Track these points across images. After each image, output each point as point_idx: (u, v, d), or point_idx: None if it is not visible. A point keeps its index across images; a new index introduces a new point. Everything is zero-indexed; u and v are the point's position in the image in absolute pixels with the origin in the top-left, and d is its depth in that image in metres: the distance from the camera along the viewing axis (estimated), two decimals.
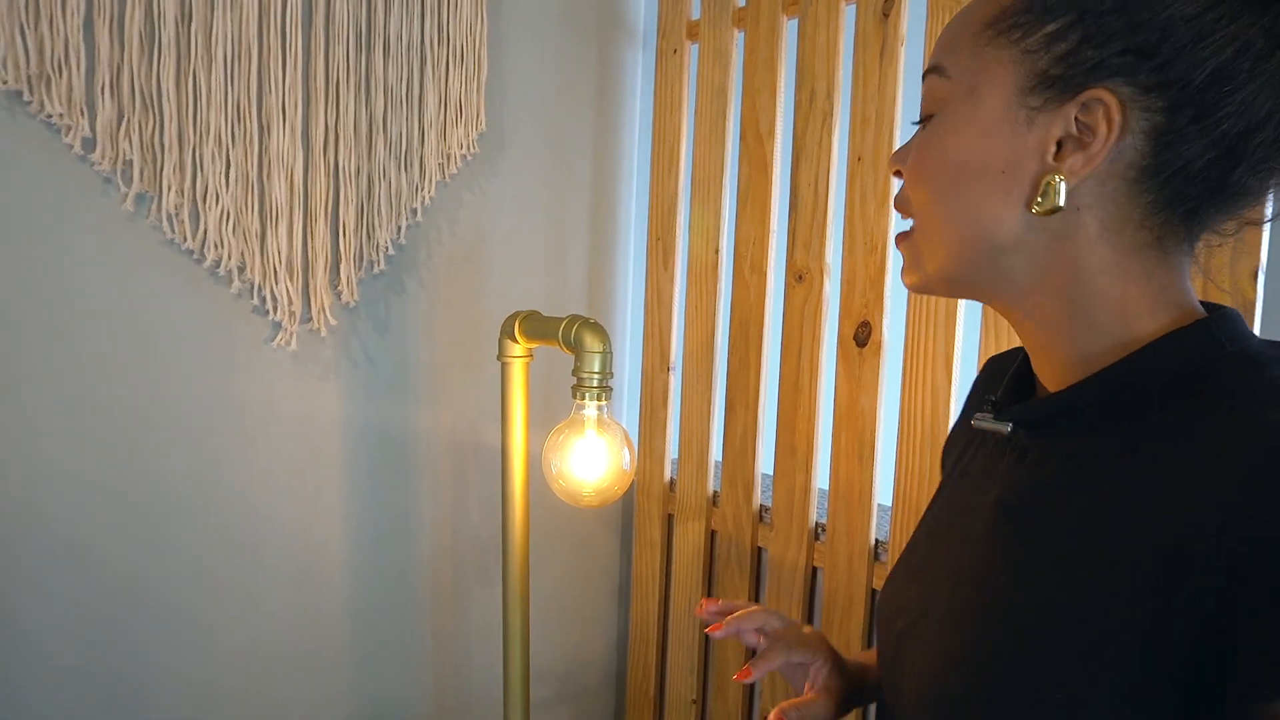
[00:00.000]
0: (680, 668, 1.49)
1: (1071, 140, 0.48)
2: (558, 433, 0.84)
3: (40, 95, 0.97)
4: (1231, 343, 0.48)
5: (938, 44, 0.54)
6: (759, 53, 1.31)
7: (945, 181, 0.52)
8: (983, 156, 0.50)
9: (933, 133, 0.53)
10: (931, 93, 0.53)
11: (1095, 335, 0.51)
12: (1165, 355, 0.48)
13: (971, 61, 0.51)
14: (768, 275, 1.32)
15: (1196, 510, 0.42)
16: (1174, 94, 0.46)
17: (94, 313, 1.05)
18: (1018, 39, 0.49)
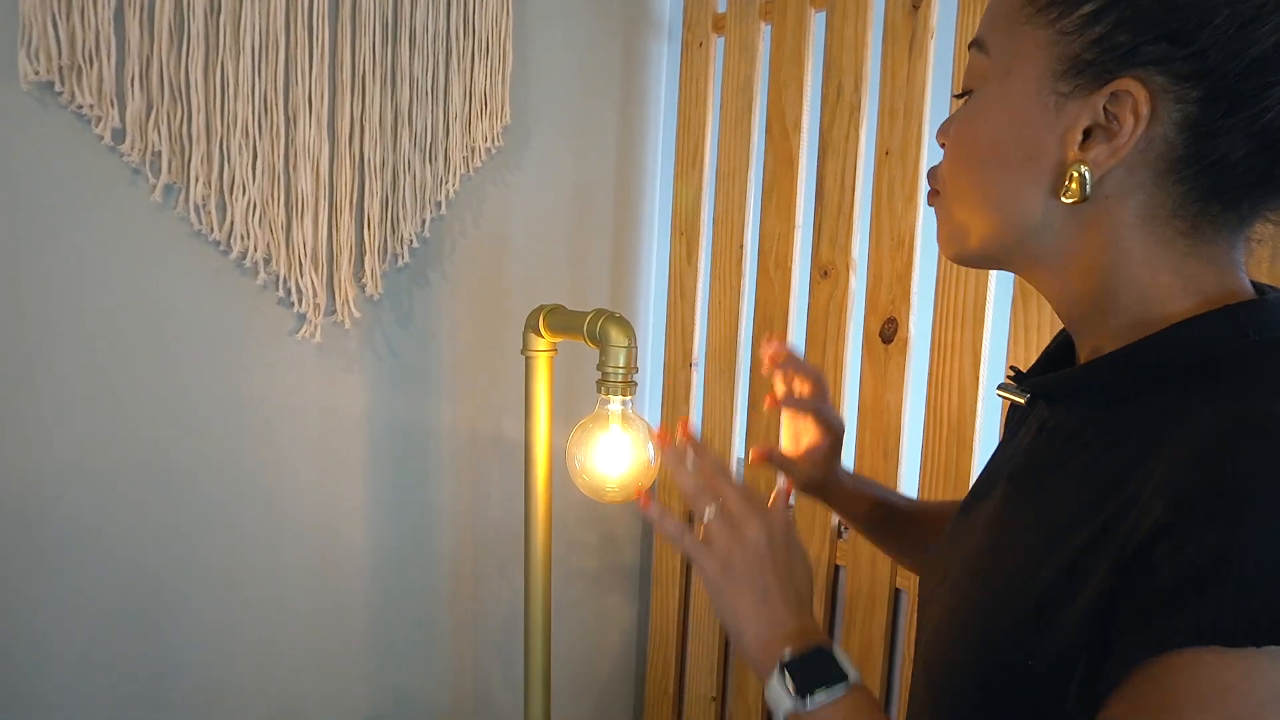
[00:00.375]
0: (700, 665, 1.49)
1: (1100, 129, 0.47)
2: (582, 428, 0.83)
3: (71, 86, 0.98)
4: (1259, 331, 0.46)
5: (985, 14, 0.53)
6: (786, 46, 1.30)
7: (975, 161, 0.52)
8: (1010, 141, 0.50)
9: (969, 110, 0.52)
10: (972, 68, 0.53)
11: (1123, 317, 0.50)
12: (1182, 339, 0.47)
13: (1009, 40, 0.50)
14: (792, 270, 1.31)
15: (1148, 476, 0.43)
16: (1210, 84, 0.44)
17: (120, 303, 1.05)
18: (1054, 19, 0.48)
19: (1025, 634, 0.47)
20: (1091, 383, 0.51)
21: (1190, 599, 0.39)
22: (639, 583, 1.62)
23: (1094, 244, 0.49)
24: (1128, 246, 0.49)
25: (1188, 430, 0.43)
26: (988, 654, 0.50)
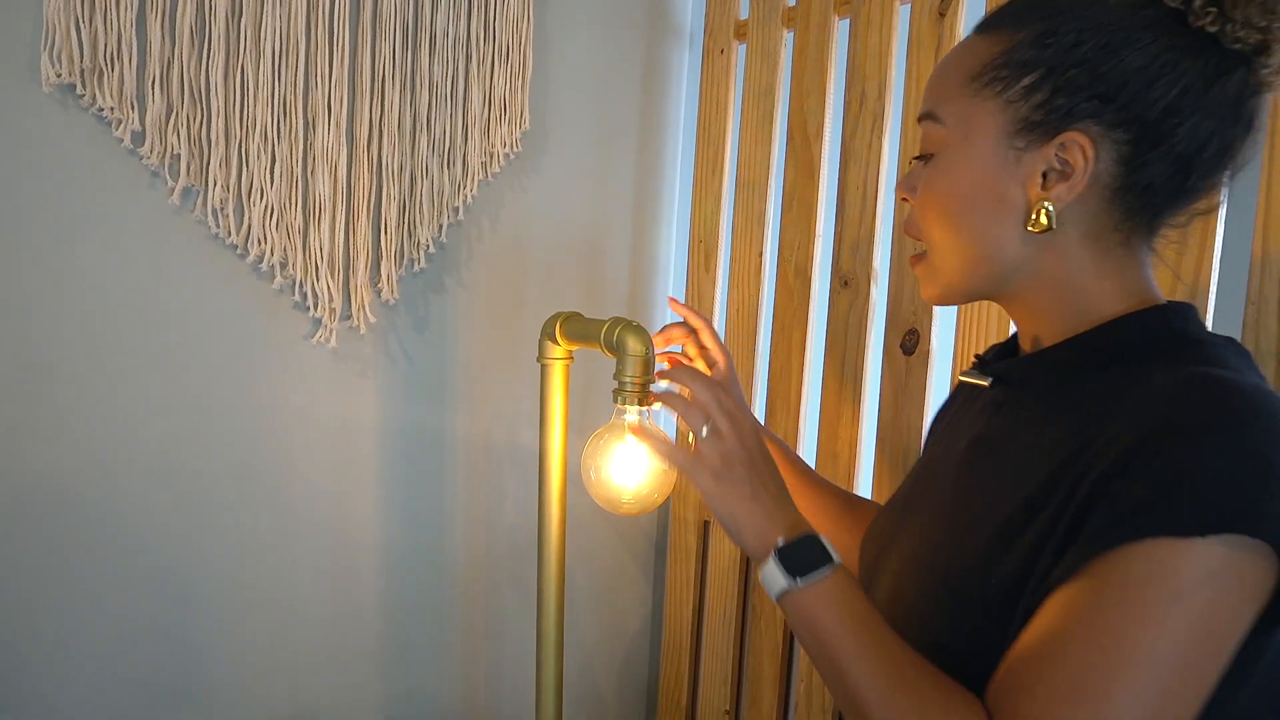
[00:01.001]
0: (714, 677, 1.47)
1: (1054, 172, 0.59)
2: (597, 437, 0.82)
3: (93, 89, 0.98)
4: (1182, 327, 0.60)
5: (927, 93, 0.65)
6: (808, 53, 1.28)
7: (953, 213, 0.63)
8: (981, 191, 0.61)
9: (936, 170, 0.63)
10: (929, 136, 0.64)
11: (1076, 318, 0.62)
12: (1126, 330, 0.60)
13: (962, 110, 0.61)
14: (813, 280, 1.29)
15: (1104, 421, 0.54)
16: (1135, 128, 0.57)
17: (136, 305, 1.05)
18: (1000, 91, 0.60)
19: (988, 556, 0.58)
20: (1049, 366, 0.63)
21: (1154, 504, 0.49)
22: (652, 593, 1.60)
23: (1053, 262, 0.62)
24: (1079, 260, 0.61)
25: (1142, 391, 0.55)
26: (955, 576, 0.60)
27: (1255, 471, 0.49)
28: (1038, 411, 0.62)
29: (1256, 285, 0.84)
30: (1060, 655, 0.50)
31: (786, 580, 0.61)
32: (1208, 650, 0.49)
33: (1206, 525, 0.48)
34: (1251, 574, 0.49)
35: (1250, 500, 0.49)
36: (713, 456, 0.66)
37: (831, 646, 0.59)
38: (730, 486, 0.65)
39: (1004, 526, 0.58)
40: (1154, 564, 0.49)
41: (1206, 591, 0.49)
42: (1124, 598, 0.49)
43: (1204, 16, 0.55)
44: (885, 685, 0.56)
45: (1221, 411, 0.51)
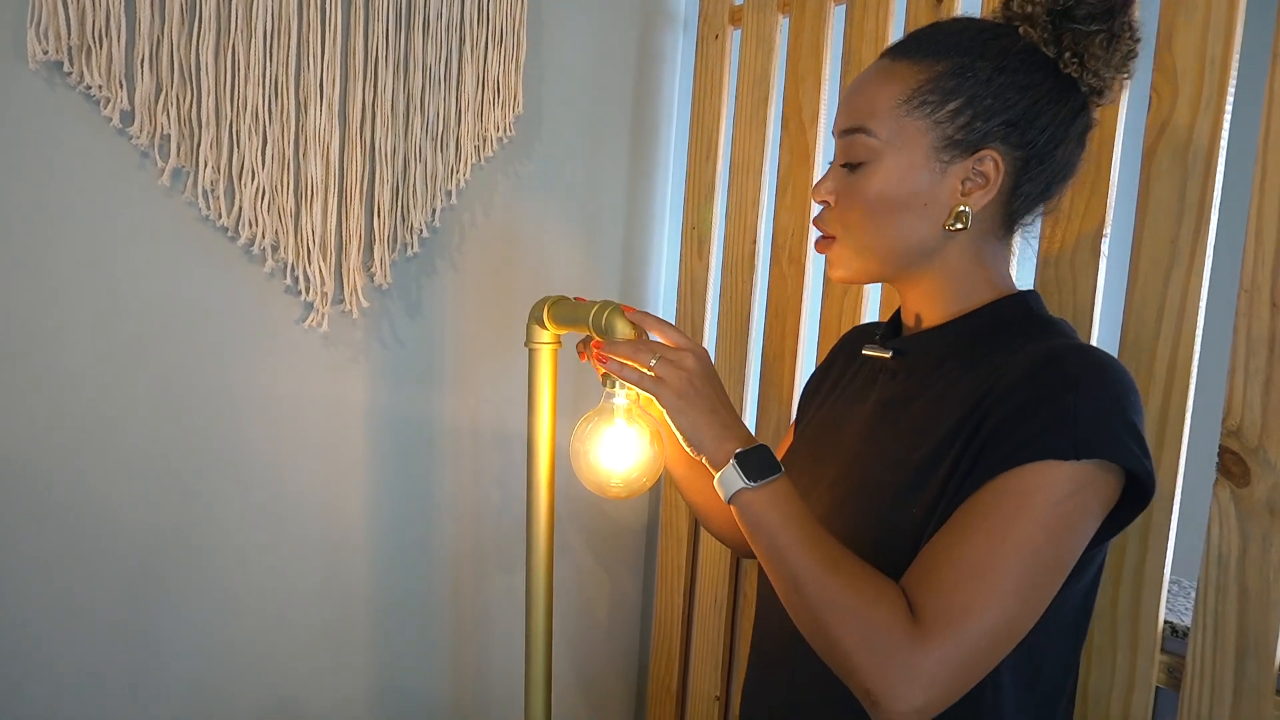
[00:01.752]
0: (704, 663, 1.47)
1: (971, 181, 0.73)
2: (586, 421, 0.81)
3: (80, 66, 0.96)
4: (1039, 310, 0.77)
5: (852, 110, 0.75)
6: (804, 39, 1.28)
7: (883, 212, 0.74)
8: (910, 195, 0.73)
9: (868, 176, 0.74)
10: (859, 146, 0.74)
11: (960, 300, 0.77)
12: (1002, 312, 0.76)
13: (895, 126, 0.73)
14: (806, 267, 1.29)
15: (993, 383, 0.69)
16: (1027, 150, 0.73)
17: (125, 286, 1.04)
18: (929, 113, 0.72)
19: (909, 490, 0.71)
20: (943, 339, 0.77)
21: (1042, 437, 0.65)
22: (643, 579, 1.60)
23: (953, 254, 0.76)
24: (971, 253, 0.76)
25: (1025, 356, 0.69)
26: (879, 514, 0.73)
27: (1112, 414, 0.65)
28: (937, 375, 0.76)
29: (1249, 274, 0.84)
30: (963, 544, 0.65)
31: (742, 482, 0.70)
32: (1070, 543, 0.65)
33: (1079, 452, 0.64)
34: (1105, 489, 0.66)
35: (1110, 434, 0.65)
36: (672, 379, 0.74)
37: (777, 539, 0.69)
38: (690, 402, 0.73)
39: (920, 466, 0.71)
40: (1042, 479, 0.64)
41: (1076, 499, 0.64)
42: (1017, 501, 0.64)
43: (1071, 64, 0.73)
44: (822, 570, 0.67)
45: (1087, 371, 0.66)
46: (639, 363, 0.75)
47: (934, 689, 0.62)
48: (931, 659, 0.62)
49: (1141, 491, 0.67)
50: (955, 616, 0.62)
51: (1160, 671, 0.93)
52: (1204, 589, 0.87)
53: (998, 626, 0.63)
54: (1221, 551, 0.86)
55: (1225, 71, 0.86)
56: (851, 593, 0.65)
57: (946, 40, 0.73)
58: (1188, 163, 0.89)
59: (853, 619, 0.64)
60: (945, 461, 0.70)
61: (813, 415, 0.92)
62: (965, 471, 0.68)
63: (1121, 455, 0.64)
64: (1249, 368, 0.85)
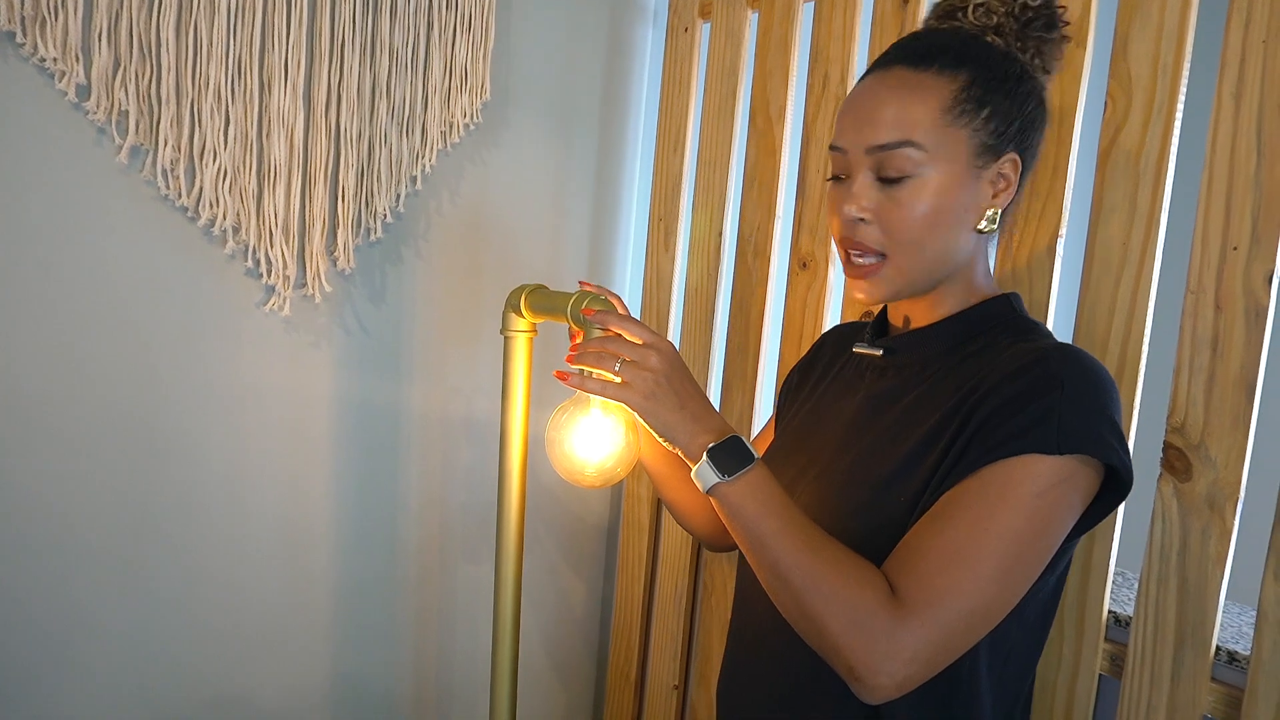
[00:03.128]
0: (663, 653, 1.49)
1: (995, 184, 0.76)
2: (561, 410, 0.82)
3: (34, 38, 0.94)
4: (1021, 311, 0.81)
5: (887, 123, 0.74)
6: (773, 34, 1.29)
7: (933, 224, 0.75)
8: (956, 203, 0.75)
9: (918, 190, 0.74)
10: (903, 160, 0.74)
11: (950, 302, 0.80)
12: (986, 314, 0.79)
13: (941, 137, 0.74)
14: (771, 261, 1.30)
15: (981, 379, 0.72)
16: (1027, 152, 0.78)
17: (80, 267, 1.02)
18: (966, 122, 0.74)
19: (894, 482, 0.73)
20: (934, 338, 0.80)
21: (1028, 431, 0.67)
22: (604, 569, 1.61)
23: (973, 255, 0.79)
24: (978, 254, 0.80)
25: (1012, 355, 0.72)
26: (866, 502, 0.75)
27: (1094, 411, 0.68)
28: (926, 372, 0.79)
29: (1195, 276, 0.87)
30: (946, 530, 0.67)
31: (717, 476, 0.71)
32: (1050, 533, 0.68)
33: (1063, 446, 0.67)
34: (1085, 482, 0.69)
35: (1091, 430, 0.67)
36: (638, 381, 0.74)
37: (758, 528, 0.70)
38: (659, 401, 0.74)
39: (907, 457, 0.74)
40: (1025, 471, 0.67)
41: (1057, 491, 0.67)
42: (1000, 491, 0.67)
43: (1038, 67, 0.79)
44: (803, 556, 0.68)
45: (1071, 370, 0.69)
46: (604, 369, 0.75)
47: (913, 665, 0.65)
48: (912, 637, 0.64)
49: (1119, 485, 0.70)
50: (936, 598, 0.65)
51: (1104, 659, 0.96)
52: (1146, 580, 0.91)
53: (976, 609, 0.66)
54: (1164, 545, 0.90)
55: (1176, 79, 0.89)
56: (834, 576, 0.67)
57: (959, 50, 0.75)
58: (1139, 168, 0.92)
59: (837, 602, 0.66)
60: (932, 453, 0.72)
61: (796, 410, 0.94)
62: (951, 463, 0.70)
63: (1102, 450, 0.67)
64: (1193, 366, 0.88)
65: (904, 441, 0.75)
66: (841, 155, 0.77)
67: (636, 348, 0.75)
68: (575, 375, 0.77)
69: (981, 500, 0.67)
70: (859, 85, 0.79)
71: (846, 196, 0.76)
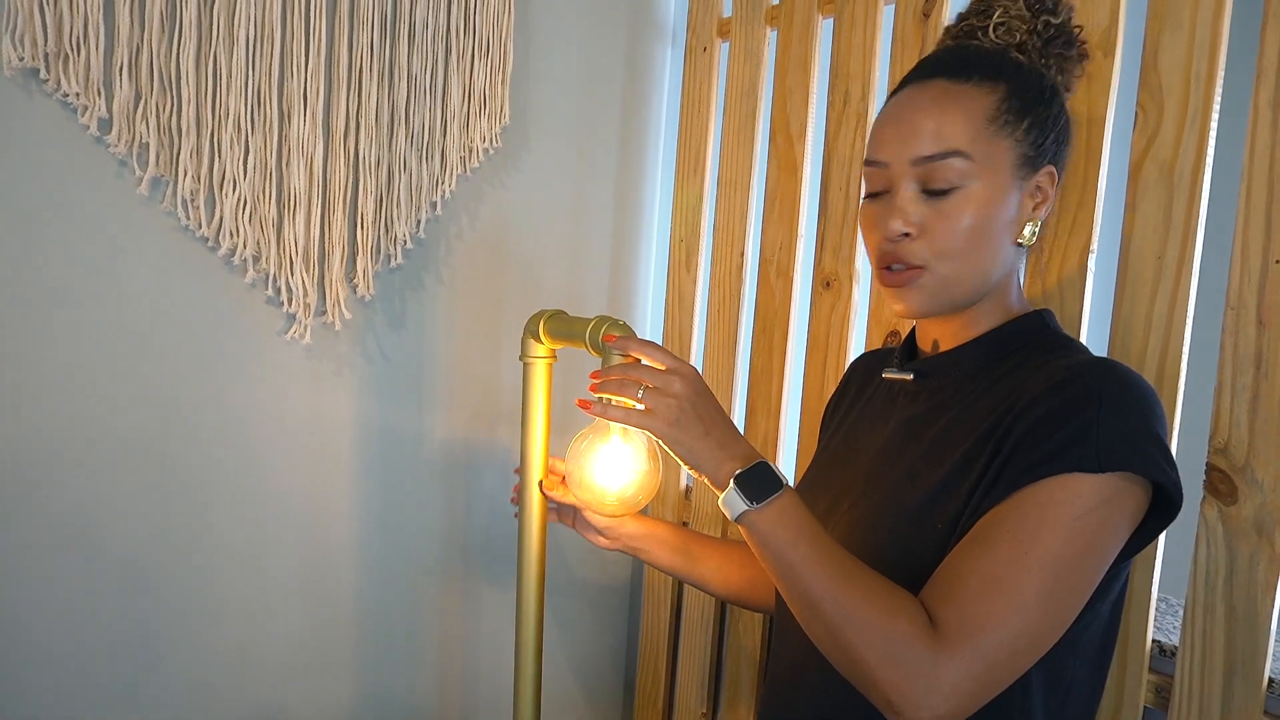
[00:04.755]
0: (691, 679, 1.46)
1: (1034, 196, 0.75)
2: (581, 437, 0.80)
3: (57, 74, 0.95)
4: (1055, 327, 0.79)
5: (942, 133, 0.72)
6: (792, 52, 1.27)
7: (980, 237, 0.73)
8: (1000, 215, 0.73)
9: (965, 201, 0.72)
10: (950, 170, 0.72)
11: (980, 321, 0.78)
12: (1018, 331, 0.77)
13: (987, 147, 0.72)
14: (794, 281, 1.28)
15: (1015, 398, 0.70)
16: (1060, 165, 0.77)
17: (103, 298, 1.02)
18: (1010, 131, 0.73)
19: (930, 509, 0.71)
20: (966, 359, 0.78)
21: (1068, 449, 0.64)
22: (630, 592, 1.59)
23: (1009, 271, 0.77)
24: (1017, 269, 0.79)
25: (1046, 372, 0.70)
26: (902, 530, 0.72)
27: (1136, 426, 0.65)
28: (959, 395, 0.76)
29: (1235, 291, 0.84)
30: (984, 556, 0.64)
31: (745, 503, 0.69)
32: (1095, 556, 0.65)
33: (1103, 464, 0.64)
34: (1131, 502, 0.66)
35: (1134, 446, 0.64)
36: (661, 408, 0.73)
37: (787, 557, 0.68)
38: (683, 429, 0.72)
39: (943, 482, 0.71)
40: (1065, 491, 0.64)
41: (1101, 512, 0.64)
42: (1040, 513, 0.64)
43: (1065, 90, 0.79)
44: (836, 585, 0.66)
45: (1109, 384, 0.67)
46: (626, 397, 0.74)
47: (955, 699, 0.62)
48: (952, 670, 0.62)
49: (1168, 504, 0.67)
50: (976, 628, 0.62)
51: (1148, 691, 0.92)
52: (1191, 608, 0.87)
53: (1018, 638, 0.63)
54: (1209, 570, 0.86)
55: (1210, 87, 0.86)
56: (869, 607, 0.65)
57: (994, 62, 0.74)
58: (1174, 179, 0.89)
59: (872, 633, 0.64)
60: (968, 478, 0.70)
61: (828, 440, 0.92)
62: (988, 486, 0.68)
63: (1146, 467, 0.64)
64: (1235, 385, 0.84)
65: (939, 468, 0.73)
66: (881, 170, 0.75)
67: (659, 374, 0.74)
68: (597, 403, 0.75)
69: (1020, 524, 0.64)
70: (897, 98, 0.77)
71: (890, 212, 0.74)
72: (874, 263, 0.78)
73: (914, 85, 0.76)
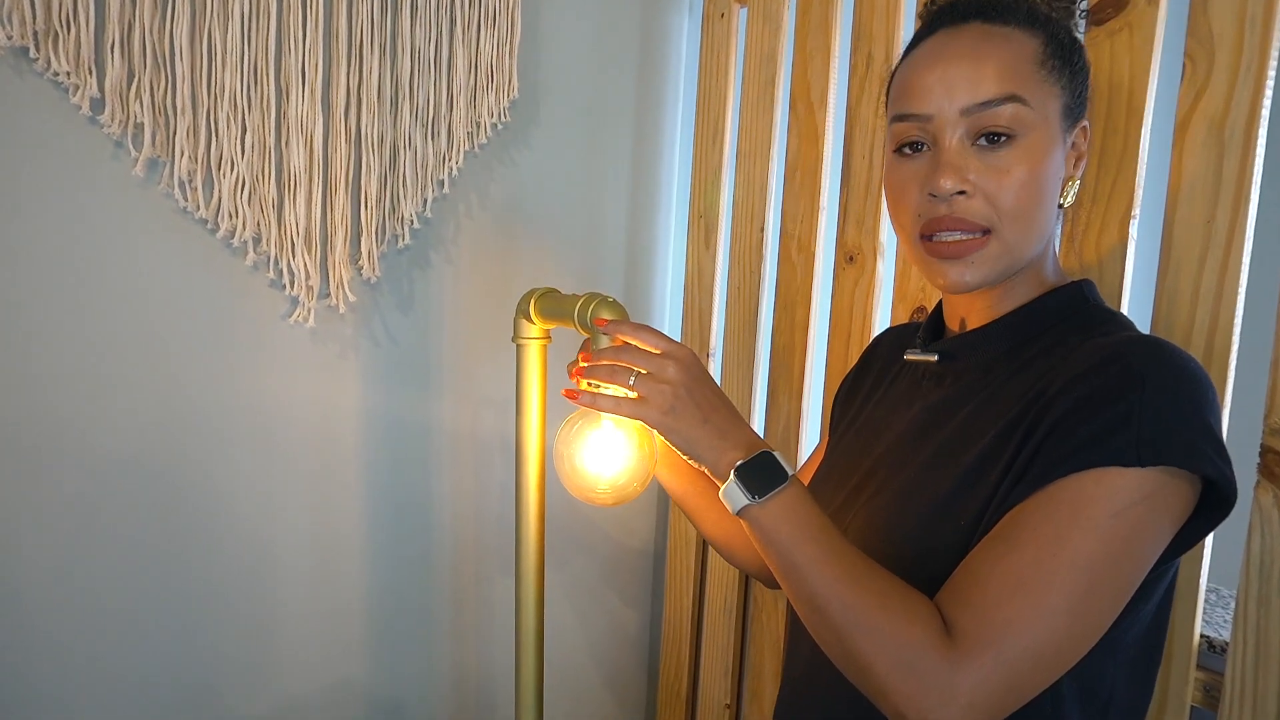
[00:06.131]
0: (714, 670, 1.42)
1: (1073, 150, 0.69)
2: (570, 423, 0.76)
3: (47, 52, 0.92)
4: (1094, 300, 0.71)
5: (1000, 76, 0.65)
6: (812, 14, 1.21)
7: (1039, 194, 0.66)
8: (1053, 170, 0.67)
9: (1026, 151, 0.65)
10: (1009, 118, 0.65)
11: (1012, 296, 0.71)
12: (1053, 306, 0.70)
13: (1040, 93, 0.66)
14: (816, 255, 1.22)
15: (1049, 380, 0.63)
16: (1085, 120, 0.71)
17: (102, 283, 1.00)
18: (1056, 79, 0.67)
19: (954, 503, 0.65)
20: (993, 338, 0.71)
21: (1104, 439, 0.58)
22: (652, 584, 1.55)
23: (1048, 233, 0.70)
24: (1052, 233, 0.71)
25: (1085, 352, 0.63)
26: (923, 527, 0.66)
27: (1182, 414, 0.58)
28: (987, 378, 0.70)
29: None
30: (1008, 556, 0.58)
31: (746, 497, 0.64)
32: (1132, 558, 0.58)
33: (1144, 457, 0.57)
34: (1176, 499, 0.59)
35: (1179, 437, 0.58)
36: (655, 395, 0.68)
37: (792, 556, 0.63)
38: (679, 418, 0.67)
39: (966, 475, 0.65)
40: (1101, 486, 0.57)
41: (1140, 510, 0.57)
42: (1072, 511, 0.58)
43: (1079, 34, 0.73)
44: (844, 587, 0.60)
45: (1154, 365, 0.59)
46: (618, 384, 0.69)
47: (972, 711, 0.56)
48: (969, 679, 0.56)
49: (1219, 500, 0.60)
50: (995, 634, 0.57)
51: (1196, 690, 0.86)
52: (1244, 601, 0.80)
53: (1044, 646, 0.57)
54: (1263, 560, 0.79)
55: (1268, 35, 0.79)
56: (879, 610, 0.59)
57: (1026, 8, 0.68)
58: (1225, 137, 0.81)
59: (882, 639, 0.58)
60: (994, 470, 0.63)
61: (848, 426, 0.86)
62: (1015, 478, 0.61)
63: (1192, 460, 0.58)
64: None
65: (962, 458, 0.66)
66: (921, 123, 0.66)
67: (652, 358, 0.69)
68: (585, 394, 0.70)
69: (1049, 521, 0.58)
70: (928, 44, 0.69)
71: (939, 167, 0.65)
72: (911, 231, 0.69)
73: (947, 29, 0.68)
